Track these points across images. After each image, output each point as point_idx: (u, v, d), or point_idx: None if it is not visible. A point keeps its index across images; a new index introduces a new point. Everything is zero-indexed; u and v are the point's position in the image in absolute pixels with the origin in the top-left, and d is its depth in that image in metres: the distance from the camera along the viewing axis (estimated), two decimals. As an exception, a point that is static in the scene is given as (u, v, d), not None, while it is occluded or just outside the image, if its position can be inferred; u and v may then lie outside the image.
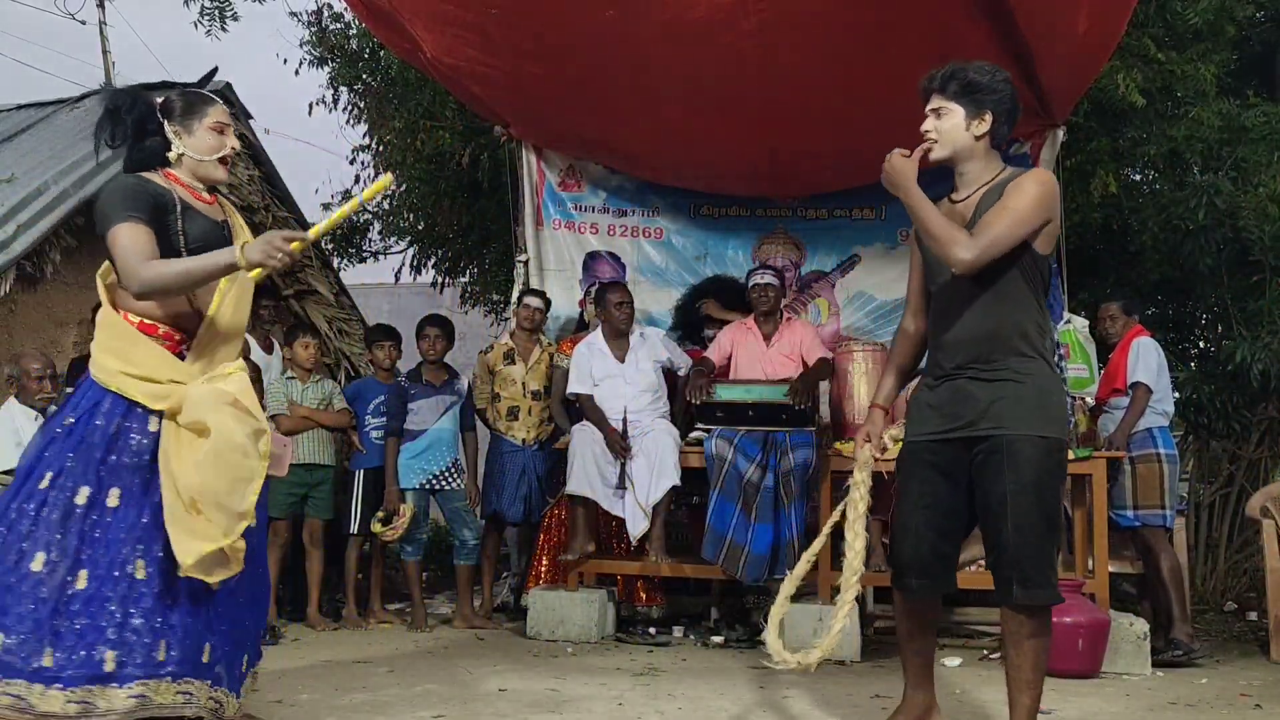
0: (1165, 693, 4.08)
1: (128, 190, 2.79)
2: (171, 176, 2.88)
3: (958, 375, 2.84)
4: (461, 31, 4.90)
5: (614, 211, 6.61)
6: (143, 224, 2.72)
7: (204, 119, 2.91)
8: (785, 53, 4.67)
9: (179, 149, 2.89)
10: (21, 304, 5.59)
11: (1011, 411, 2.75)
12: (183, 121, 2.91)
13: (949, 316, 2.88)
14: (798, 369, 5.29)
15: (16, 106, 7.57)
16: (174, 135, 2.90)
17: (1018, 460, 2.73)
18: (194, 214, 2.85)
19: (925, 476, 2.88)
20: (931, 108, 2.97)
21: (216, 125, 2.92)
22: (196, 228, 2.81)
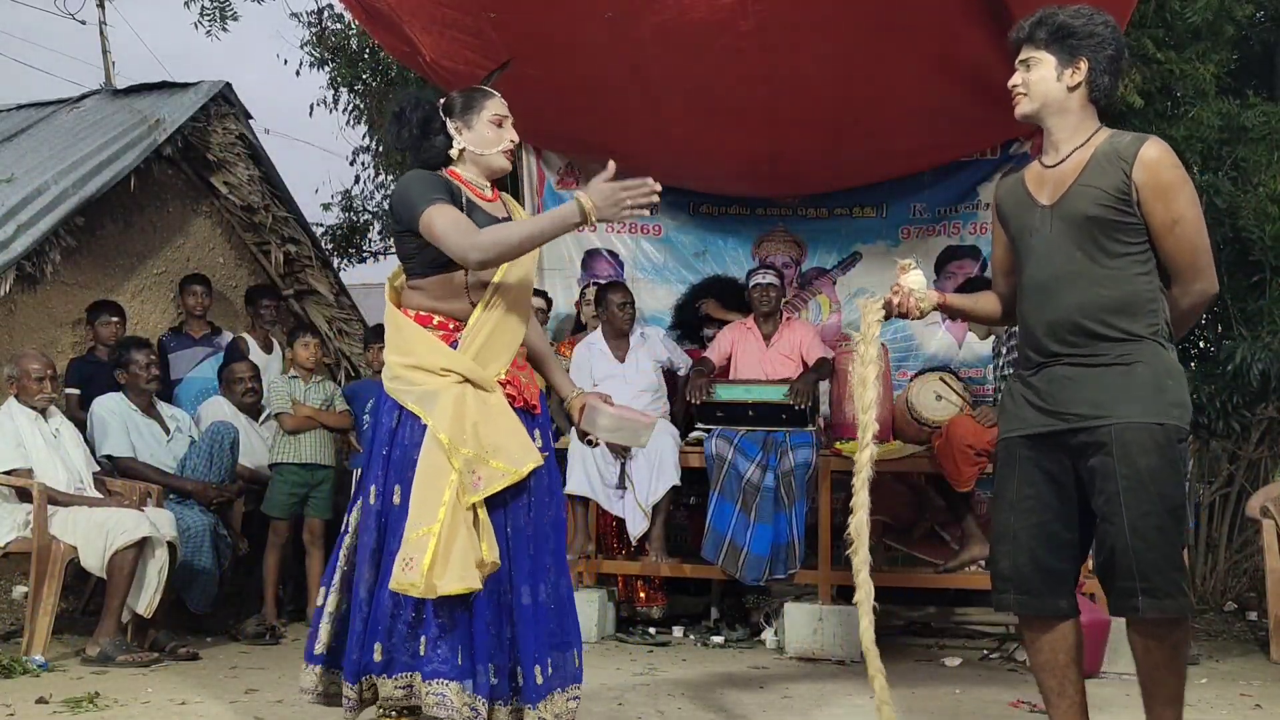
0: (1165, 693, 4.07)
1: (425, 178, 2.82)
2: (454, 175, 2.90)
3: (1054, 362, 2.57)
4: (459, 34, 4.90)
5: (613, 209, 6.60)
6: (451, 204, 2.74)
7: (482, 113, 2.92)
8: (784, 54, 4.67)
9: (460, 144, 2.91)
10: (21, 304, 5.59)
11: (1120, 398, 2.47)
12: (463, 117, 2.92)
13: (1042, 297, 2.60)
14: (798, 369, 5.30)
15: (16, 106, 7.57)
16: (455, 132, 2.91)
17: (1130, 452, 2.43)
18: (479, 211, 2.85)
19: (1025, 477, 2.60)
20: (1020, 59, 2.71)
21: (495, 119, 2.93)
22: (479, 221, 2.79)
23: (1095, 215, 2.53)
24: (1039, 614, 2.60)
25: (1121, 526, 2.43)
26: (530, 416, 2.89)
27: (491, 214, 2.88)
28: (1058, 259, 2.57)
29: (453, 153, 2.92)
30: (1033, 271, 2.63)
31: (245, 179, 6.73)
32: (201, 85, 6.72)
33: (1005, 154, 6.23)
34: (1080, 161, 2.59)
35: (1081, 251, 2.54)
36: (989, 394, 5.46)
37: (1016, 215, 2.71)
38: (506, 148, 2.95)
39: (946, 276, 6.28)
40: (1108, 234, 2.53)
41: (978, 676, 4.35)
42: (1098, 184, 2.54)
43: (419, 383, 2.74)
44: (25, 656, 4.15)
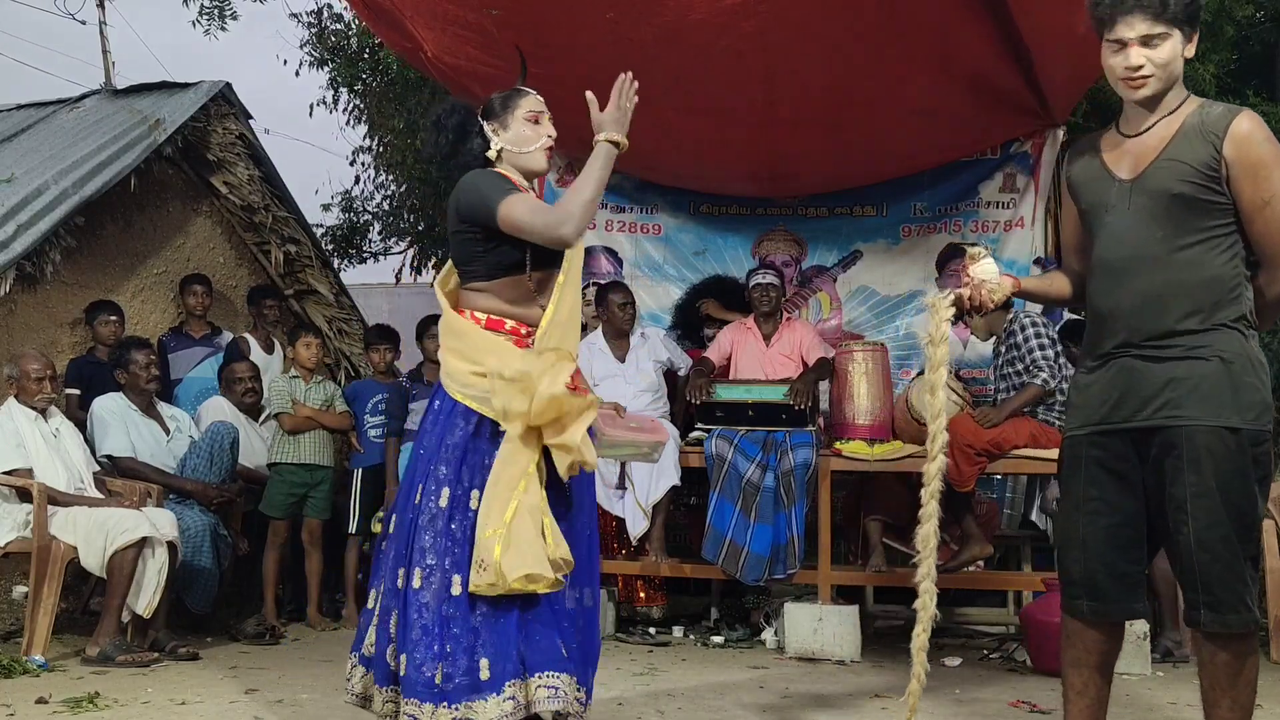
0: (1165, 693, 4.08)
1: (488, 175, 2.80)
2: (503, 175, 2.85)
3: (1124, 353, 2.40)
4: (462, 31, 4.90)
5: (612, 207, 6.60)
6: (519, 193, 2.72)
7: (517, 111, 2.90)
8: (785, 54, 4.67)
9: (498, 144, 2.88)
10: (21, 304, 5.59)
11: (1193, 397, 2.30)
12: (499, 118, 2.91)
13: (1114, 280, 2.41)
14: (798, 369, 5.30)
15: (16, 106, 7.57)
16: (492, 133, 2.89)
17: (1199, 458, 2.28)
18: None
19: (1091, 476, 2.44)
20: (1139, 34, 2.34)
21: (531, 116, 2.91)
22: None
23: (1180, 193, 2.34)
24: (1112, 620, 2.47)
25: (1188, 537, 2.30)
26: None
27: None
28: (1134, 239, 2.38)
29: (491, 154, 2.88)
30: (1105, 252, 2.44)
31: (245, 179, 6.73)
32: (201, 85, 6.72)
33: (1005, 154, 6.24)
34: (1166, 134, 2.38)
35: (1162, 231, 2.34)
36: (989, 394, 5.45)
37: (1090, 189, 2.50)
38: (545, 144, 2.92)
39: (948, 275, 6.28)
40: (1192, 213, 2.33)
41: (978, 676, 4.35)
42: (1184, 159, 2.34)
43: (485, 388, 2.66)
44: (25, 656, 4.15)
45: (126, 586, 4.33)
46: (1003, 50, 4.87)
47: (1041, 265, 6.08)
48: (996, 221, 6.26)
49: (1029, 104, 5.60)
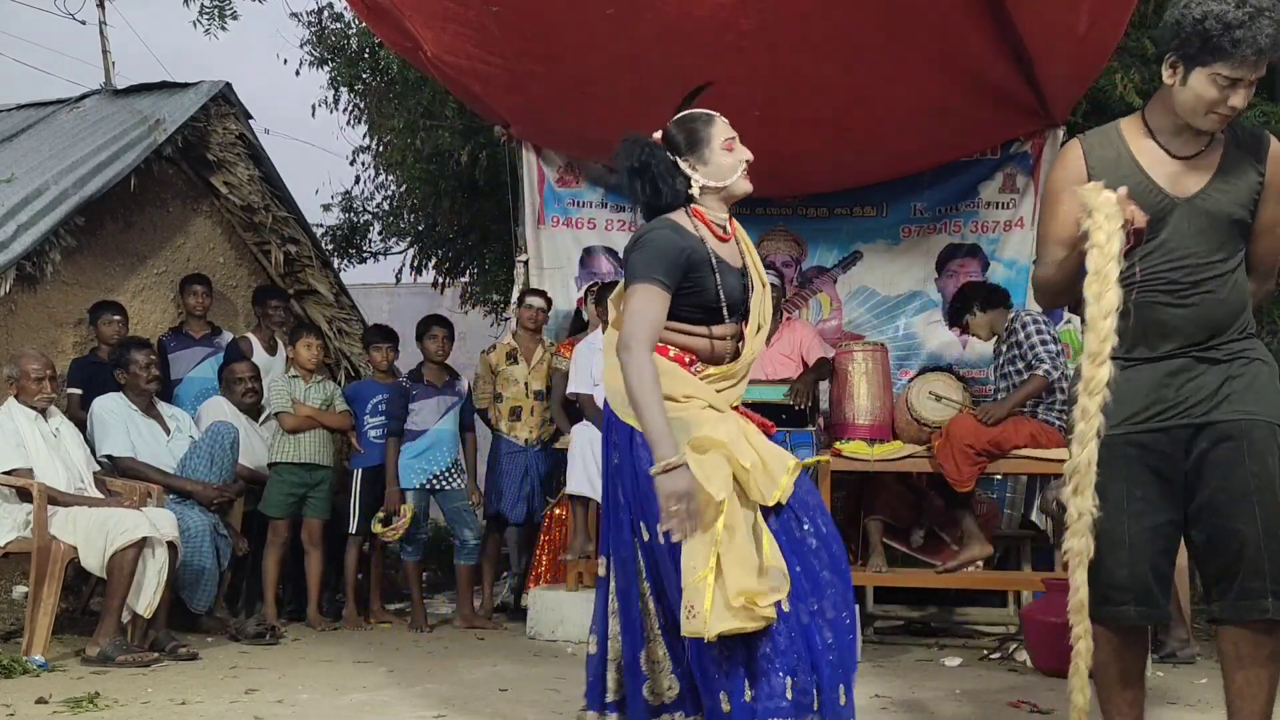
0: (1165, 693, 4.08)
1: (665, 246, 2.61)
2: (699, 215, 2.72)
3: (1177, 355, 2.41)
4: (462, 29, 4.90)
5: (611, 207, 6.61)
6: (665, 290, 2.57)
7: (713, 141, 2.74)
8: (786, 53, 4.67)
9: (699, 181, 2.73)
10: (21, 304, 5.59)
11: (1247, 394, 2.36)
12: (695, 153, 2.74)
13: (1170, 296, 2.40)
14: (798, 369, 5.29)
15: (16, 106, 7.57)
16: (690, 169, 2.73)
17: (1259, 449, 2.31)
18: (725, 269, 2.69)
19: (1134, 476, 2.41)
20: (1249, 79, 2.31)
21: (727, 144, 2.76)
22: (730, 287, 2.68)
23: (1239, 217, 2.42)
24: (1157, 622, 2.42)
25: (1254, 525, 2.29)
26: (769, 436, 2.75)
27: (733, 263, 2.73)
28: (1192, 256, 2.39)
29: (694, 191, 2.73)
30: (1161, 267, 2.40)
31: (245, 179, 6.73)
32: (201, 85, 6.72)
33: (1005, 154, 6.24)
34: (1215, 156, 2.42)
35: (1221, 253, 2.40)
36: (989, 394, 5.45)
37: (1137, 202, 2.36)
38: (744, 169, 2.77)
39: (948, 275, 6.29)
40: (1238, 233, 2.43)
41: (978, 676, 4.35)
42: (1237, 182, 2.41)
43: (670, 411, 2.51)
44: (25, 656, 4.14)
45: (126, 586, 4.33)
46: (1003, 50, 4.87)
47: (1041, 265, 6.08)
48: (996, 222, 6.26)
49: (1029, 104, 5.60)
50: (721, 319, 2.66)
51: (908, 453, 4.94)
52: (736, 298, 2.69)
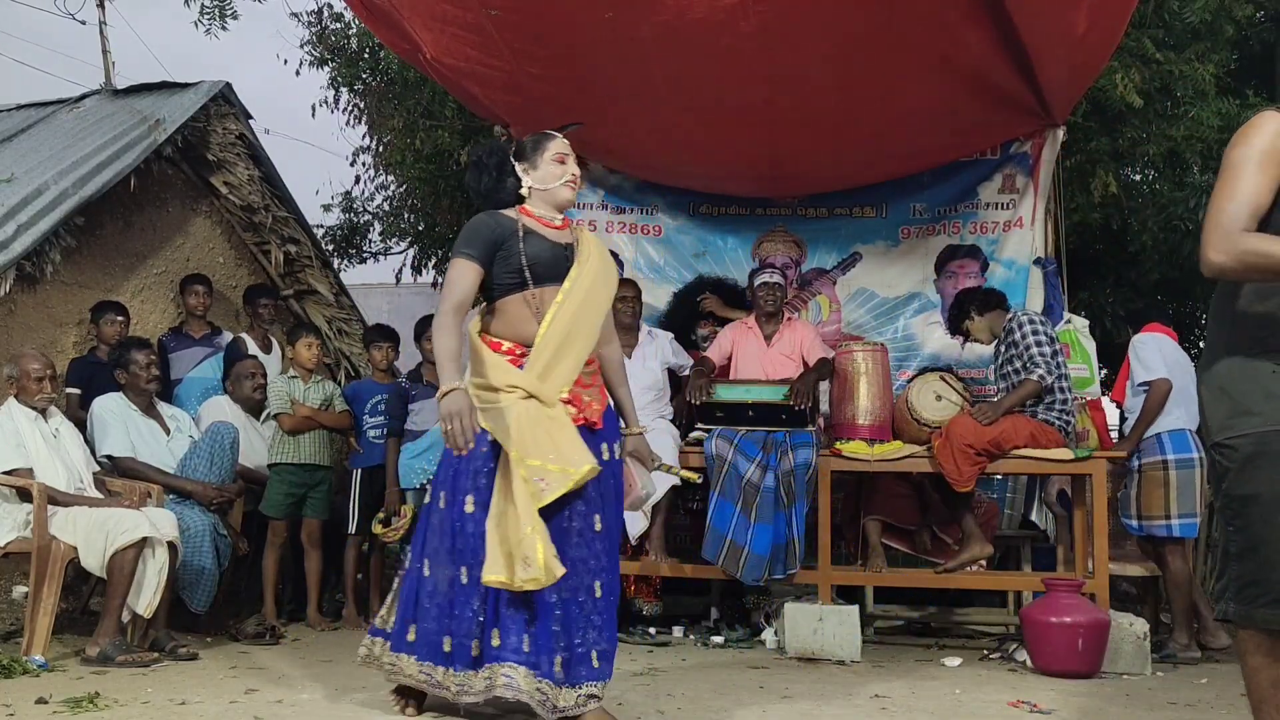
0: (1165, 693, 4.08)
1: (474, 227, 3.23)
2: (525, 211, 3.28)
3: None
4: (461, 31, 4.90)
5: (612, 208, 6.61)
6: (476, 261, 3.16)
7: (545, 153, 3.29)
8: (785, 54, 4.67)
9: (528, 183, 3.29)
10: (21, 304, 5.59)
11: None
12: (530, 159, 3.30)
13: None
14: (798, 369, 5.29)
15: (16, 106, 7.57)
16: (523, 173, 3.30)
17: None
18: (537, 238, 3.21)
19: None
20: None
21: (558, 156, 3.30)
22: (536, 251, 3.18)
23: None
24: None
25: None
26: (590, 432, 3.14)
27: (555, 240, 3.24)
28: None
29: (524, 192, 3.28)
30: None
31: (245, 179, 6.73)
32: (201, 85, 6.72)
33: (1005, 154, 6.24)
34: None
35: None
36: (990, 394, 5.46)
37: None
38: (568, 181, 3.28)
39: (947, 276, 6.29)
40: None
41: (978, 676, 4.35)
42: None
43: (490, 401, 3.07)
44: (25, 656, 4.14)
45: (126, 586, 4.32)
46: (1003, 50, 4.87)
47: (1041, 265, 6.09)
48: (996, 222, 6.26)
49: (1029, 104, 5.60)
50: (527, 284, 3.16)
51: (908, 453, 4.95)
52: (543, 262, 3.17)
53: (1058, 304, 5.99)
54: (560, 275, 3.17)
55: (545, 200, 3.28)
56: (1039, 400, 4.87)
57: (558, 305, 3.13)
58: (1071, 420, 4.94)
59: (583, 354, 3.17)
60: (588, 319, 3.18)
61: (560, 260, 3.20)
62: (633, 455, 3.35)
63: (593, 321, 3.21)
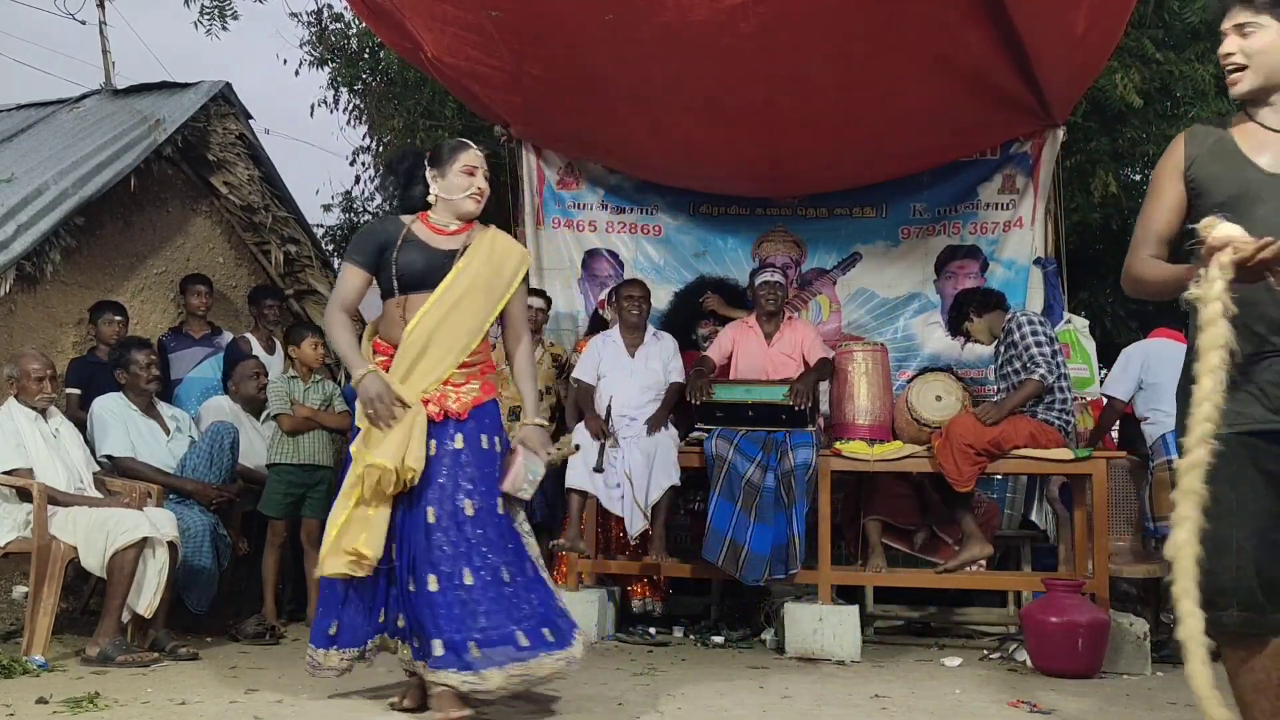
0: (1165, 693, 4.08)
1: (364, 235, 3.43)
2: (423, 218, 3.41)
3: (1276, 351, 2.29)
4: (462, 31, 4.90)
5: (612, 209, 6.61)
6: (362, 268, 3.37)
7: (455, 163, 3.37)
8: (785, 55, 4.68)
9: (435, 190, 3.39)
10: (21, 304, 5.58)
11: None
12: (440, 167, 3.39)
13: None
14: (798, 368, 5.29)
15: (16, 106, 7.57)
16: (432, 180, 3.40)
17: None
18: (417, 246, 3.34)
19: (1247, 479, 2.29)
20: (1234, 24, 2.33)
21: (467, 168, 3.36)
22: (407, 260, 3.31)
23: None
24: (1262, 632, 2.28)
25: None
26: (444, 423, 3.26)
27: (435, 247, 3.34)
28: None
29: (430, 198, 3.39)
30: None
31: (245, 179, 6.72)
32: (201, 85, 6.72)
33: (1005, 154, 6.24)
34: None
35: None
36: (990, 394, 5.46)
37: (1227, 178, 2.35)
38: (473, 193, 3.36)
39: (946, 277, 6.29)
40: None
41: (978, 676, 4.35)
42: None
43: None
44: (25, 656, 4.14)
45: (126, 586, 4.32)
46: (1002, 50, 4.87)
47: (1041, 265, 6.09)
48: (995, 223, 6.26)
49: (1029, 104, 5.61)
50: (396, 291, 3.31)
51: (908, 453, 4.95)
52: (414, 271, 3.29)
53: (1058, 304, 5.99)
54: (434, 283, 3.28)
55: (448, 209, 3.38)
56: (1039, 400, 4.87)
57: (423, 312, 3.26)
58: (1071, 420, 4.95)
59: (445, 359, 3.28)
60: (457, 324, 3.29)
61: (437, 268, 3.30)
62: (522, 443, 3.38)
63: (466, 326, 3.30)
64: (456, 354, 3.30)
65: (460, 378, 3.32)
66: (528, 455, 3.36)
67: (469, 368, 3.34)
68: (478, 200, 3.37)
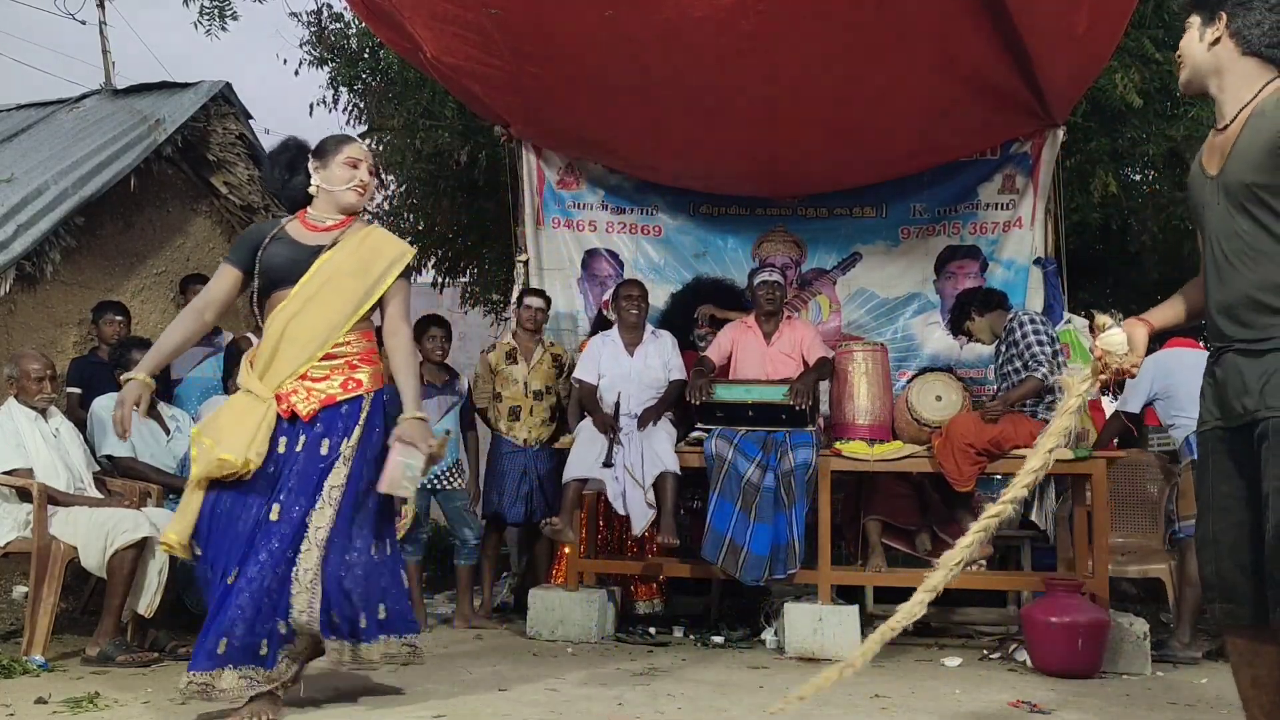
0: (1165, 693, 4.08)
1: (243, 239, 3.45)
2: (300, 215, 3.43)
3: (1228, 348, 2.34)
4: (461, 31, 4.90)
5: (612, 209, 6.61)
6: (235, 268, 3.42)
7: (338, 155, 3.39)
8: (785, 54, 4.67)
9: (316, 182, 3.40)
10: (21, 304, 5.59)
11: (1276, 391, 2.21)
12: (322, 159, 3.40)
13: (1215, 277, 2.35)
14: (798, 368, 5.29)
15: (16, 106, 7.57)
16: (314, 172, 3.41)
17: None
18: (287, 242, 3.36)
19: (1220, 473, 2.34)
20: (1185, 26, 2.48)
21: (350, 160, 3.39)
22: (271, 256, 3.33)
23: (1252, 181, 2.27)
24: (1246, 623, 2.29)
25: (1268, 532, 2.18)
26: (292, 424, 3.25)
27: (302, 243, 3.34)
28: (1226, 235, 2.31)
29: (312, 190, 3.40)
30: (1208, 249, 2.39)
31: (245, 179, 6.73)
32: (201, 85, 6.72)
33: (1005, 154, 6.24)
34: (1241, 123, 2.32)
35: (1249, 224, 2.28)
36: (989, 394, 5.45)
37: (1194, 191, 2.46)
38: (356, 185, 3.38)
39: (946, 277, 6.29)
40: (1273, 201, 2.25)
41: (978, 676, 4.35)
42: (1252, 144, 2.27)
43: None
44: (25, 656, 4.14)
45: (126, 586, 4.32)
46: (1003, 50, 4.87)
47: (1041, 265, 6.09)
48: (995, 223, 6.26)
49: (1029, 104, 5.61)
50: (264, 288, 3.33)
51: (908, 453, 4.95)
52: (277, 268, 3.31)
53: (1058, 304, 5.99)
54: (296, 278, 3.29)
55: (329, 202, 3.38)
56: (1039, 400, 4.87)
57: (280, 308, 3.28)
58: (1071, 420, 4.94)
59: (305, 352, 3.27)
60: (315, 318, 3.29)
61: (299, 264, 3.31)
62: (398, 439, 3.34)
63: (326, 320, 3.30)
64: (315, 347, 3.29)
65: (321, 371, 3.29)
66: (406, 451, 3.29)
67: (334, 359, 3.31)
68: (360, 193, 3.39)
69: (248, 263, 3.36)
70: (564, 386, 5.81)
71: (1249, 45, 2.33)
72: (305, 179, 3.41)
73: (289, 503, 3.18)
